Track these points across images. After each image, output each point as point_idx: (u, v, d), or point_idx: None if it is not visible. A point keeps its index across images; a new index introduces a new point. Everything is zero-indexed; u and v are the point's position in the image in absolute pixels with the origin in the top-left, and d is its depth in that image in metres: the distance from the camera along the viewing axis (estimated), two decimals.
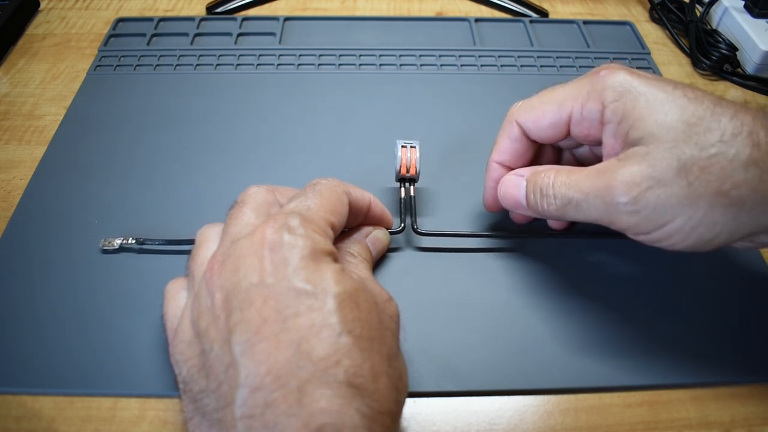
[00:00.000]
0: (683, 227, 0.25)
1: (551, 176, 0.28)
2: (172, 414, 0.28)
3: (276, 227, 0.23)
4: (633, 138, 0.26)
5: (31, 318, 0.31)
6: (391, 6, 0.55)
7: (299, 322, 0.21)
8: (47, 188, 0.37)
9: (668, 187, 0.24)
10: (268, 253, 0.22)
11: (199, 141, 0.40)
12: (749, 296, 0.32)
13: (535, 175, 0.29)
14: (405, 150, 0.34)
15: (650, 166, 0.25)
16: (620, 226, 0.27)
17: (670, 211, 0.25)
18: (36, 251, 0.34)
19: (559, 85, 0.30)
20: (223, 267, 0.23)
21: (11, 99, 0.45)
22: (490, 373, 0.29)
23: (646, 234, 0.26)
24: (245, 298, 0.22)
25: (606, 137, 0.27)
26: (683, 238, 0.25)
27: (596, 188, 0.26)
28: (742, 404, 0.28)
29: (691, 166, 0.24)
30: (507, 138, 0.31)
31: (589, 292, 0.32)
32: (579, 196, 0.27)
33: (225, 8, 0.54)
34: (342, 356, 0.21)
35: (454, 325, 0.31)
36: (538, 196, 0.29)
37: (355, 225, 0.31)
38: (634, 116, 0.26)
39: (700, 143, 0.24)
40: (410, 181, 0.35)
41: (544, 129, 0.30)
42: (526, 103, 0.31)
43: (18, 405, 0.28)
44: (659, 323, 0.31)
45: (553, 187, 0.28)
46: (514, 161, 0.32)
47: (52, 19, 0.53)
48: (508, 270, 0.33)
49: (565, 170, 0.28)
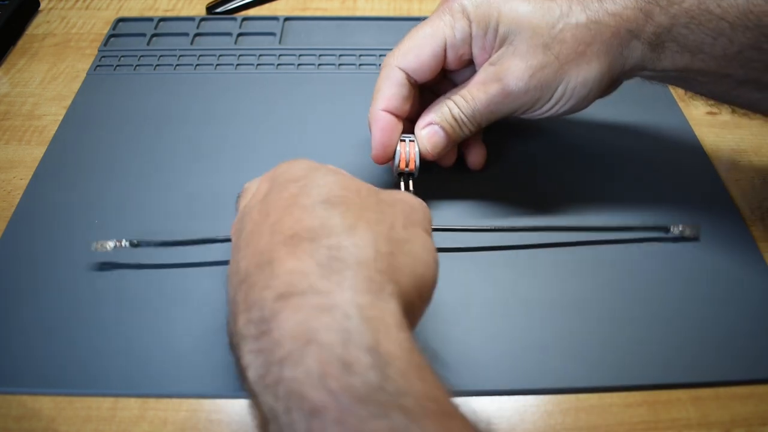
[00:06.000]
0: (564, 92, 0.31)
1: (454, 108, 0.33)
2: (172, 414, 0.28)
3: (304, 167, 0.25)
4: (500, 36, 0.31)
5: (31, 318, 0.31)
6: (391, 6, 0.55)
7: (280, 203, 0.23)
8: (47, 188, 0.37)
9: (545, 68, 0.30)
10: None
11: (198, 140, 0.40)
12: (749, 296, 0.32)
13: (441, 115, 0.33)
14: (404, 144, 0.34)
15: (523, 59, 0.31)
16: (518, 111, 0.33)
17: (552, 84, 0.31)
18: (36, 251, 0.34)
19: (419, 25, 0.33)
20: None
21: (11, 99, 0.45)
22: (490, 373, 0.29)
23: (536, 109, 0.32)
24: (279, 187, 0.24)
25: (475, 50, 0.32)
26: (565, 101, 0.32)
27: (494, 95, 0.32)
28: (742, 404, 0.28)
29: (551, 43, 0.30)
30: (392, 85, 0.33)
31: (590, 292, 0.32)
32: (485, 108, 0.32)
33: (225, 8, 0.54)
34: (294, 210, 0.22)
35: (454, 325, 0.31)
36: (456, 128, 0.33)
37: None
38: (495, 18, 0.31)
39: (549, 23, 0.30)
40: (409, 176, 0.35)
41: (427, 63, 0.32)
42: (399, 50, 0.33)
43: (18, 405, 0.28)
44: (659, 323, 0.31)
45: (462, 114, 0.33)
46: (400, 106, 0.33)
47: (52, 19, 0.53)
48: (508, 270, 0.33)
49: (457, 96, 0.33)
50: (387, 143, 0.33)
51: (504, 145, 0.40)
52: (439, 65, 0.33)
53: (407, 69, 0.33)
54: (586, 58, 0.30)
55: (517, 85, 0.31)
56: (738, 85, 0.31)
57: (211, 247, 0.32)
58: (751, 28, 0.28)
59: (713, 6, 0.28)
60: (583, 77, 0.31)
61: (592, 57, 0.30)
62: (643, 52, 0.31)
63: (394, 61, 0.33)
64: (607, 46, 0.30)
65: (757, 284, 0.33)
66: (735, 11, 0.28)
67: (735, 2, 0.28)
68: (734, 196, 0.38)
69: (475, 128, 0.34)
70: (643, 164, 0.39)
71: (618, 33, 0.30)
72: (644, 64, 0.31)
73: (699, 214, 0.36)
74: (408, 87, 0.33)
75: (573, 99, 0.32)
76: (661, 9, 0.29)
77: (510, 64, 0.31)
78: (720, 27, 0.29)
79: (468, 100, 0.32)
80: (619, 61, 0.31)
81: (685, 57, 0.30)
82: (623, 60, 0.31)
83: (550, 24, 0.30)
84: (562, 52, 0.30)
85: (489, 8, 0.31)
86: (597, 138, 0.41)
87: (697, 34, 0.29)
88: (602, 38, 0.30)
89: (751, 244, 0.35)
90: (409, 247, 0.23)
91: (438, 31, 0.32)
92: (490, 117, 0.33)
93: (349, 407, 0.17)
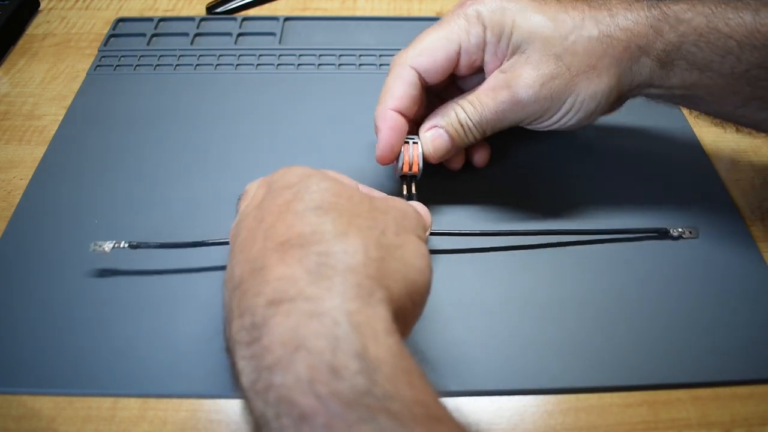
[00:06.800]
0: (573, 104, 0.31)
1: (461, 113, 0.33)
2: (172, 414, 0.28)
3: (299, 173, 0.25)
4: (513, 44, 0.31)
5: (31, 318, 0.31)
6: (391, 6, 0.55)
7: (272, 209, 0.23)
8: (47, 188, 0.37)
9: (556, 78, 0.30)
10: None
11: (198, 140, 0.40)
12: (749, 296, 0.32)
13: (447, 119, 0.33)
14: (407, 146, 0.34)
15: (535, 68, 0.31)
16: (525, 121, 0.33)
17: (562, 95, 0.31)
18: (36, 251, 0.34)
19: (433, 27, 0.33)
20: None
21: (11, 99, 0.45)
22: (490, 373, 0.29)
23: (544, 120, 0.32)
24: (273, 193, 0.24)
25: (488, 56, 0.32)
26: (574, 114, 0.32)
27: (503, 102, 0.31)
28: (742, 404, 0.28)
29: (563, 54, 0.30)
30: (404, 84, 0.32)
31: (589, 291, 0.32)
32: (492, 116, 0.32)
33: (225, 8, 0.54)
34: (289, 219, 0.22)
35: (454, 325, 0.31)
36: (462, 133, 0.33)
37: None
38: (510, 26, 0.31)
39: (562, 34, 0.30)
40: (412, 179, 0.35)
41: (441, 66, 0.32)
42: (413, 49, 0.33)
43: (18, 405, 0.28)
44: (659, 323, 0.31)
45: (469, 119, 0.32)
46: (410, 107, 0.33)
47: (52, 19, 0.53)
48: (508, 270, 0.33)
49: (465, 102, 0.32)
50: (395, 144, 0.33)
51: (505, 146, 0.40)
52: (451, 68, 0.33)
53: (420, 69, 0.32)
54: (597, 71, 0.30)
55: (527, 93, 0.31)
56: (744, 103, 0.31)
57: (211, 247, 0.32)
58: (758, 47, 0.28)
59: (721, 25, 0.29)
60: (593, 90, 0.31)
61: (602, 71, 0.30)
62: (651, 69, 0.31)
63: (407, 60, 0.32)
64: (617, 60, 0.30)
65: (756, 284, 0.33)
66: (743, 30, 0.28)
67: (743, 21, 0.28)
68: (734, 196, 0.38)
69: (481, 135, 0.33)
70: (643, 164, 0.39)
71: (628, 48, 0.30)
72: (652, 80, 0.31)
73: (699, 213, 0.36)
74: (419, 87, 0.33)
75: (581, 112, 0.32)
76: (671, 27, 0.30)
77: (521, 72, 0.31)
78: (728, 46, 0.29)
79: (476, 105, 0.32)
80: (628, 76, 0.31)
81: (694, 74, 0.30)
82: (632, 75, 0.31)
83: (563, 35, 0.30)
84: (574, 64, 0.30)
85: (504, 16, 0.31)
86: (597, 137, 0.41)
87: (706, 52, 0.29)
88: (613, 53, 0.30)
89: (751, 244, 0.35)
90: (401, 253, 0.23)
91: (453, 35, 0.32)
92: (497, 125, 0.33)
93: (338, 412, 0.17)
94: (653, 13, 0.30)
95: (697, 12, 0.29)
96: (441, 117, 0.33)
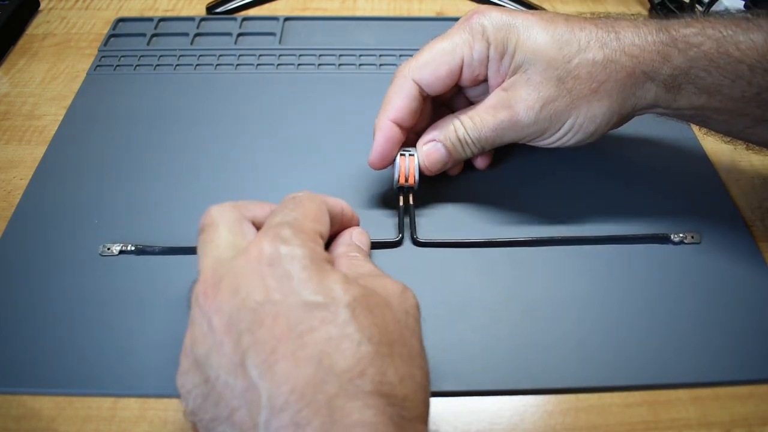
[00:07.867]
0: (572, 126, 0.31)
1: (460, 128, 0.33)
2: (172, 414, 0.28)
3: (269, 240, 0.22)
4: (516, 63, 0.31)
5: (31, 318, 0.31)
6: (391, 6, 0.55)
7: (315, 336, 0.20)
8: (47, 188, 0.37)
9: (556, 101, 0.30)
10: (267, 268, 0.21)
11: (199, 141, 0.40)
12: (749, 296, 0.32)
13: (445, 134, 0.33)
14: (404, 159, 0.34)
15: (536, 89, 0.30)
16: (524, 139, 0.33)
17: (562, 117, 0.31)
18: (36, 251, 0.34)
19: (438, 39, 0.32)
20: (218, 289, 0.22)
21: (11, 99, 0.45)
22: (490, 373, 0.29)
23: (543, 140, 0.33)
24: (253, 318, 0.21)
25: (490, 72, 0.32)
26: (573, 135, 0.32)
27: (502, 121, 0.32)
28: (742, 404, 0.28)
29: (566, 77, 0.30)
30: (404, 97, 0.32)
31: (589, 292, 0.32)
32: (491, 134, 0.32)
33: (225, 8, 0.54)
34: (366, 366, 0.20)
35: (454, 324, 0.31)
36: (459, 148, 0.33)
37: (333, 232, 0.30)
38: (513, 44, 0.31)
39: (566, 57, 0.30)
40: (409, 190, 0.35)
41: (443, 79, 0.32)
42: (416, 61, 0.32)
43: (18, 405, 0.28)
44: (659, 323, 0.31)
45: (467, 135, 0.33)
46: (408, 119, 0.33)
47: (52, 19, 0.53)
48: (508, 270, 0.33)
49: (465, 117, 0.33)
50: (387, 154, 0.33)
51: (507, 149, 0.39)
52: (453, 82, 0.33)
53: (421, 82, 0.32)
54: (598, 95, 0.30)
55: (527, 115, 0.31)
56: (755, 123, 0.31)
57: None
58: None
59: (732, 49, 0.28)
60: (593, 113, 0.31)
61: (604, 95, 0.30)
62: (656, 93, 0.30)
63: (409, 73, 0.32)
64: (620, 85, 0.30)
65: (757, 284, 0.33)
66: (754, 54, 0.28)
67: (754, 45, 0.28)
68: (734, 196, 0.38)
69: (478, 151, 0.33)
70: (643, 164, 0.39)
71: (633, 74, 0.30)
72: (657, 102, 0.31)
73: (699, 213, 0.36)
74: (419, 100, 0.33)
75: (580, 133, 0.32)
76: (680, 52, 0.29)
77: (522, 93, 0.31)
78: (739, 70, 0.28)
79: (476, 122, 0.32)
80: (631, 100, 0.31)
81: (702, 98, 0.30)
82: (635, 100, 0.31)
83: (566, 58, 0.30)
84: (576, 88, 0.30)
85: (509, 33, 0.31)
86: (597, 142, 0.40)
87: (716, 77, 0.29)
88: (617, 77, 0.30)
89: (751, 244, 0.35)
90: (421, 362, 0.23)
91: (457, 48, 0.31)
92: (495, 142, 0.33)
93: None
94: (661, 37, 0.30)
95: (707, 36, 0.29)
96: (440, 131, 0.33)
